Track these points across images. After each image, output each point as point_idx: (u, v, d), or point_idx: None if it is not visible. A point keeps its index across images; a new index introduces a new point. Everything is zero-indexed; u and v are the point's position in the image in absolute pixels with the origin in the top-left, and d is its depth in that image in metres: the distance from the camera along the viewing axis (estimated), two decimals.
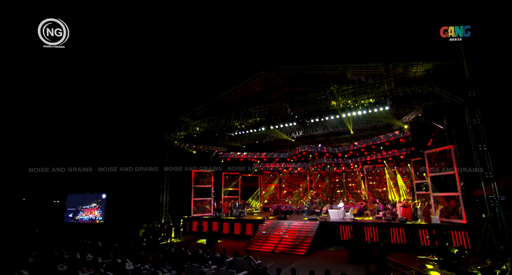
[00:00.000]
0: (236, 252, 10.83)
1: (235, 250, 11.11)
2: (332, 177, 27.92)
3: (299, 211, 21.44)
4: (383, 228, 14.26)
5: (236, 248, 14.74)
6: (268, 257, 13.36)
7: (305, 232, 15.48)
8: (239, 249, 15.05)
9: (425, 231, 13.31)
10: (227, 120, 18.52)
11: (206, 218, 20.63)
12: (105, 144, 24.51)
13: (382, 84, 13.83)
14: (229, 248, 13.06)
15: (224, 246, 14.48)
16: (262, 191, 27.69)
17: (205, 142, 23.43)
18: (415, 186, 19.01)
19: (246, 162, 26.78)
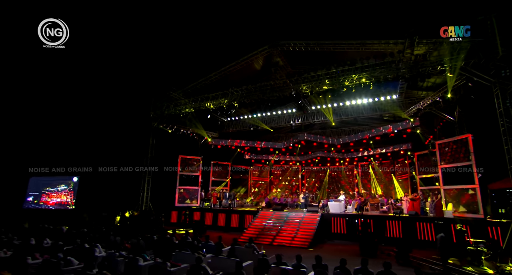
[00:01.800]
0: (235, 240, 8.99)
1: (234, 238, 9.26)
2: (326, 173, 26.65)
3: (293, 205, 19.82)
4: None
5: (227, 240, 13.00)
6: (266, 250, 11.58)
7: (306, 224, 13.85)
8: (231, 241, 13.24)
9: (424, 225, 12.11)
10: (221, 99, 16.63)
11: (192, 208, 18.55)
12: (79, 118, 20.46)
13: (402, 61, 12.49)
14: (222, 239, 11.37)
15: (214, 236, 12.73)
16: (252, 183, 25.89)
17: (195, 126, 21.34)
18: (419, 181, 18.00)
19: (238, 153, 24.93)
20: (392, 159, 23.51)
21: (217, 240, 9.16)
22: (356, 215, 14.04)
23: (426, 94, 16.47)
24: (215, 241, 9.37)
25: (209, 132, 22.35)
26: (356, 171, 25.71)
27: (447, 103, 15.36)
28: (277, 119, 21.24)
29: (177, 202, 19.57)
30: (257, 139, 23.43)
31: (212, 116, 20.59)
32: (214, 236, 14.49)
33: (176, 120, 19.89)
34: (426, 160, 17.58)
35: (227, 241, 11.34)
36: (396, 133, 17.67)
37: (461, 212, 13.02)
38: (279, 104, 21.39)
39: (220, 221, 16.89)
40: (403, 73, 12.35)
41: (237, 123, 22.57)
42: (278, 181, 27.00)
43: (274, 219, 14.97)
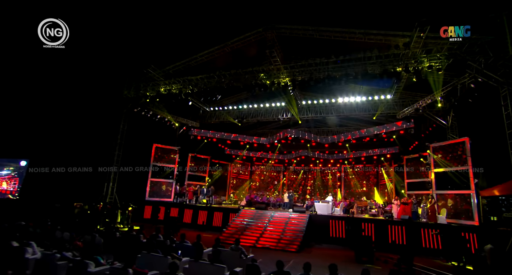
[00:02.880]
0: (218, 240, 7.40)
1: (216, 238, 7.67)
2: (308, 174, 25.72)
3: (276, 204, 18.53)
4: (382, 225, 11.93)
5: (206, 240, 11.39)
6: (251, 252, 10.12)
7: (293, 226, 12.56)
8: (209, 242, 11.63)
9: (428, 231, 11.23)
10: (206, 81, 14.94)
11: (165, 203, 16.59)
12: (34, 88, 16.60)
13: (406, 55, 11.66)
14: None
15: (190, 236, 11.13)
16: (231, 180, 24.27)
17: (175, 112, 19.37)
18: (407, 185, 17.47)
19: (218, 147, 23.21)
20: (376, 163, 23.07)
21: (195, 239, 7.54)
22: (344, 217, 12.99)
23: (421, 96, 15.98)
24: (192, 240, 7.74)
25: (189, 121, 20.46)
26: (338, 173, 25.05)
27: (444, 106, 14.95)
28: (264, 112, 19.86)
29: (148, 196, 17.48)
30: (241, 133, 21.90)
31: (194, 104, 18.81)
32: (190, 235, 12.77)
33: (154, 105, 17.82)
34: (415, 164, 17.08)
35: (206, 241, 9.82)
36: (388, 134, 17.02)
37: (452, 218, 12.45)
38: (268, 97, 20.23)
39: (197, 219, 15.14)
40: (412, 65, 11.46)
41: (220, 114, 20.90)
42: (259, 180, 25.62)
43: (258, 218, 13.53)
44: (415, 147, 17.89)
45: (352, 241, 10.77)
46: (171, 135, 20.15)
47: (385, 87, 16.21)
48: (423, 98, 14.51)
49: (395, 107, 16.99)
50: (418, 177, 16.58)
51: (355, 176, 23.92)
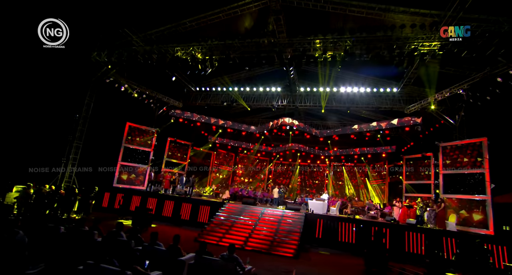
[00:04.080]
0: (204, 245, 5.36)
1: (202, 242, 5.63)
2: (296, 169, 24.15)
3: (263, 200, 16.68)
4: (398, 231, 10.40)
5: (183, 238, 9.38)
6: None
7: (287, 225, 10.75)
8: (186, 240, 9.59)
9: (451, 241, 9.82)
10: (195, 49, 12.67)
11: (137, 191, 14.20)
12: None
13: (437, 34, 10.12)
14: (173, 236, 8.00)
15: (163, 232, 9.21)
16: (214, 171, 22.10)
17: (155, 88, 16.85)
18: (405, 187, 16.28)
19: (202, 134, 20.90)
20: (368, 162, 21.91)
21: (170, 239, 5.47)
22: (348, 218, 11.38)
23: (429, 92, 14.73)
24: (167, 241, 5.66)
25: (171, 100, 17.99)
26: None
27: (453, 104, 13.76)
28: (257, 97, 17.87)
29: (116, 182, 14.96)
30: (229, 119, 19.75)
31: (177, 80, 16.43)
32: (163, 231, 10.68)
33: (130, 76, 15.23)
34: (416, 164, 15.90)
35: (184, 239, 7.78)
36: (391, 130, 15.64)
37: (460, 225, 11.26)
38: (262, 82, 18.24)
39: (174, 211, 12.93)
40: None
41: (207, 95, 18.63)
42: (243, 172, 23.66)
43: (246, 215, 11.59)
44: (416, 146, 16.72)
45: (362, 247, 9.14)
46: (149, 115, 17.61)
47: (392, 75, 14.79)
48: (436, 93, 13.15)
49: (401, 102, 15.68)
50: (418, 179, 15.41)
51: (344, 174, 22.68)
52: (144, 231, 10.12)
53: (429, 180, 14.56)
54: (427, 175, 14.75)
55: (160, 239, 5.68)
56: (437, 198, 12.51)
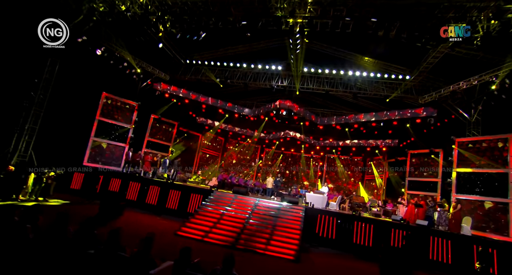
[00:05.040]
0: (187, 252, 3.66)
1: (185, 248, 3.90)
2: (289, 159, 22.75)
3: (254, 189, 15.15)
4: (420, 235, 9.02)
5: (160, 231, 7.80)
6: None
7: (286, 221, 9.23)
8: (165, 233, 7.89)
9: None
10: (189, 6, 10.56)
11: (111, 172, 12.24)
12: None
13: None
14: (148, 229, 7.39)
15: (136, 225, 7.46)
16: (200, 155, 20.28)
17: (139, 55, 14.62)
18: (407, 184, 15.13)
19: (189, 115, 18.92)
20: (365, 155, 20.77)
21: (142, 232, 3.72)
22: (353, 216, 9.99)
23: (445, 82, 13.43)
24: (137, 232, 3.88)
25: (156, 70, 15.80)
26: (321, 162, 22.45)
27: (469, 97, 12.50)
28: (255, 75, 15.98)
29: (87, 159, 12.90)
30: (222, 98, 17.81)
31: (165, 48, 14.28)
32: (137, 220, 8.94)
33: (108, 38, 12.94)
34: (421, 160, 14.73)
35: (161, 234, 6.15)
36: (400, 121, 14.31)
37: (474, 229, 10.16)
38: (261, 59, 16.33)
39: (151, 198, 11.13)
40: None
41: (198, 70, 16.55)
42: (236, 158, 21.98)
43: (237, 206, 9.98)
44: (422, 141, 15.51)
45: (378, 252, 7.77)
46: (130, 86, 15.37)
47: (404, 60, 13.29)
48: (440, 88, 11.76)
49: (412, 92, 14.28)
50: (423, 176, 14.26)
51: (339, 167, 21.49)
52: (113, 221, 8.34)
53: (436, 177, 13.43)
54: (434, 172, 13.61)
55: (131, 233, 3.94)
56: (448, 198, 11.33)
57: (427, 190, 13.76)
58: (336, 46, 14.47)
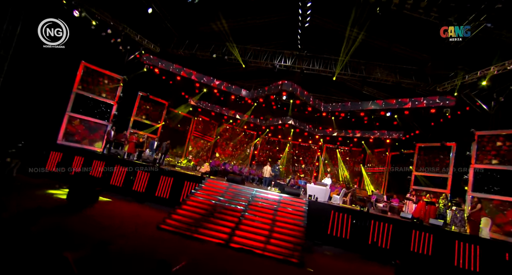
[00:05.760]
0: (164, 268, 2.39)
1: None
2: (285, 147, 21.56)
3: (249, 178, 13.95)
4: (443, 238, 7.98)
5: (141, 222, 6.57)
6: (218, 260, 5.49)
7: (287, 215, 8.07)
8: (147, 225, 6.65)
9: None
10: None
11: (88, 153, 10.76)
12: None
13: None
14: (126, 221, 6.40)
15: (115, 212, 6.23)
16: (192, 139, 18.87)
17: (125, 22, 12.84)
18: (413, 178, 14.16)
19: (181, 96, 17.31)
20: (367, 147, 19.73)
21: (120, 223, 3.56)
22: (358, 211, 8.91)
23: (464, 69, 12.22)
24: (107, 227, 3.26)
25: (144, 40, 14.03)
26: (319, 152, 21.37)
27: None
28: (256, 53, 14.43)
29: (61, 138, 11.36)
30: (218, 77, 16.21)
31: (156, 16, 12.54)
32: (115, 208, 7.68)
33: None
34: (430, 154, 13.72)
35: (144, 224, 5.00)
36: (412, 110, 13.14)
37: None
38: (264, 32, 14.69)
39: (139, 184, 9.80)
40: None
41: (193, 43, 14.87)
42: (226, 145, 20.66)
43: (232, 196, 8.74)
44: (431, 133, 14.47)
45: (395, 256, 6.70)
46: (115, 58, 13.61)
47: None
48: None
49: (427, 78, 13.06)
50: (431, 171, 13.29)
51: (338, 158, 20.48)
52: (85, 209, 7.03)
53: (446, 173, 12.47)
54: (445, 168, 12.64)
55: (102, 225, 2.66)
56: (462, 196, 10.36)
57: (435, 186, 12.84)
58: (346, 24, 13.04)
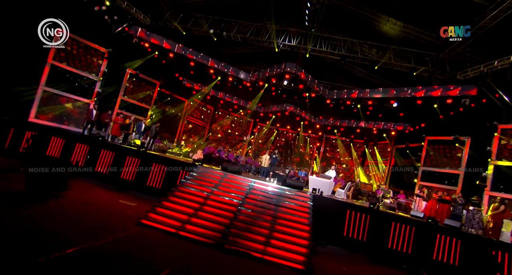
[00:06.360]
0: None
1: None
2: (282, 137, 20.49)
3: (246, 168, 12.86)
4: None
5: (119, 214, 5.44)
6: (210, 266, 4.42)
7: (289, 211, 7.03)
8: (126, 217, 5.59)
9: None
10: None
11: (67, 134, 9.46)
12: None
13: None
14: (99, 214, 5.32)
15: (87, 203, 5.19)
16: (185, 124, 17.60)
17: None
18: (421, 174, 13.26)
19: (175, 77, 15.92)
20: (367, 139, 18.78)
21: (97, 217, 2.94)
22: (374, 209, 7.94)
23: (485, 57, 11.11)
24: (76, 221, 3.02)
25: (133, 8, 12.47)
26: (318, 143, 20.37)
27: None
28: (257, 30, 13.02)
29: (33, 115, 10.01)
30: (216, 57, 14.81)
31: None
32: (86, 200, 6.55)
33: None
34: (439, 148, 12.78)
35: (118, 217, 3.92)
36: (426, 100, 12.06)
37: None
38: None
39: (128, 172, 8.67)
40: None
41: (187, 17, 13.36)
42: (221, 131, 19.47)
43: (227, 187, 7.65)
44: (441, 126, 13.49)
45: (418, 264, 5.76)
46: (100, 29, 12.09)
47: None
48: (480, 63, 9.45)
49: (445, 66, 11.92)
50: (441, 166, 12.38)
51: (339, 149, 19.54)
52: (51, 199, 5.87)
53: (458, 169, 11.58)
54: (457, 163, 11.74)
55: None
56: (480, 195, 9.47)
57: (444, 183, 11.97)
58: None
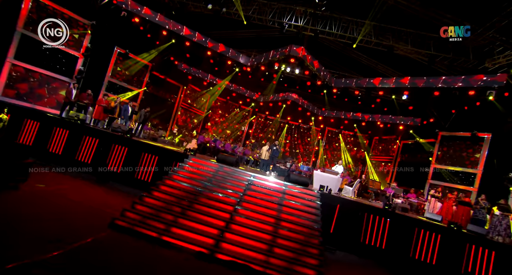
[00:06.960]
0: None
1: None
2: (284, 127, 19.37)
3: (243, 159, 11.77)
4: None
5: (92, 213, 4.20)
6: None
7: (294, 211, 5.98)
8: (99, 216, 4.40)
9: None
10: None
11: (42, 115, 8.22)
12: None
13: None
14: (71, 210, 4.36)
15: (53, 198, 4.25)
16: (180, 111, 16.35)
17: None
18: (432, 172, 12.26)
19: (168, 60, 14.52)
20: (372, 133, 17.77)
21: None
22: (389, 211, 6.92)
23: None
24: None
25: None
26: (320, 136, 19.32)
27: None
28: (261, 7, 11.69)
29: (1, 93, 8.72)
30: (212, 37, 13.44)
31: None
32: (51, 194, 5.24)
33: None
34: (454, 145, 11.79)
35: (85, 216, 2.95)
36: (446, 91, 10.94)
37: None
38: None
39: (114, 163, 7.55)
40: None
41: None
42: (218, 120, 18.30)
43: (222, 182, 6.54)
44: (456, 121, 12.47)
45: None
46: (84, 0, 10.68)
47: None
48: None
49: (469, 53, 10.78)
50: (456, 164, 11.40)
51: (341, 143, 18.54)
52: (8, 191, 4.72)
53: (474, 168, 10.64)
54: (474, 161, 10.79)
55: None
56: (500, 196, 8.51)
57: (457, 183, 11.04)
58: None
